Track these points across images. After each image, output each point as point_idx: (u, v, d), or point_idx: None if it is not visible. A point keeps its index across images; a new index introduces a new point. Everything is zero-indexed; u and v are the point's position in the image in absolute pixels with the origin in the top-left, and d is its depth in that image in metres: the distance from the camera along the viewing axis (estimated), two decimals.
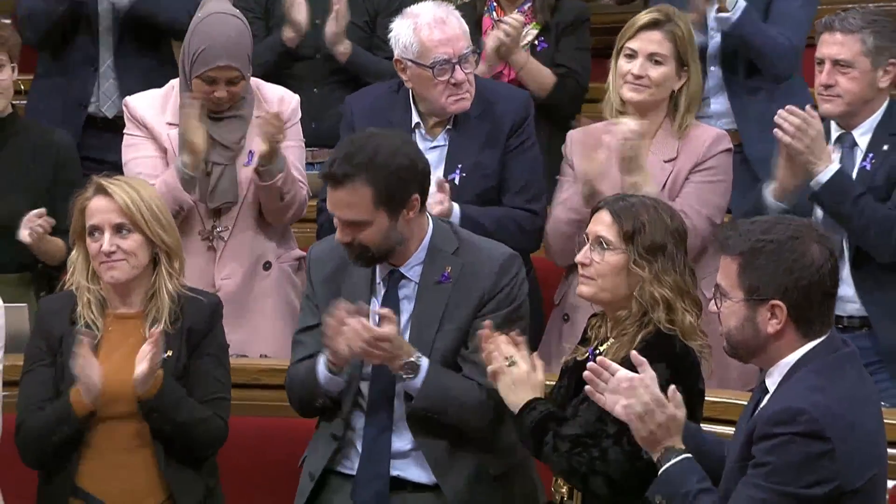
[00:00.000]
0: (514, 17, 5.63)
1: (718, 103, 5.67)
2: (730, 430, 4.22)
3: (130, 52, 5.91)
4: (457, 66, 4.89)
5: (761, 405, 3.61)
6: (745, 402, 4.27)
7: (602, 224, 3.96)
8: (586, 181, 4.76)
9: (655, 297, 3.90)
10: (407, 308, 4.26)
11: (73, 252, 4.38)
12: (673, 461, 3.64)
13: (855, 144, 4.85)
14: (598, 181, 4.70)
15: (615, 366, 3.72)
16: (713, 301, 3.64)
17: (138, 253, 4.30)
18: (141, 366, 4.17)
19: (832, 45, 4.77)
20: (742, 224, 3.67)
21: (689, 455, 3.66)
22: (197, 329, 4.34)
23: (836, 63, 4.76)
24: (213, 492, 4.40)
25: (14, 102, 5.42)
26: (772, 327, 3.55)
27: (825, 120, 4.80)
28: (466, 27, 4.98)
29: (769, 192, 4.76)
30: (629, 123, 4.73)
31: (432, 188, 4.72)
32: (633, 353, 3.73)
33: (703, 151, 4.91)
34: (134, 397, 4.23)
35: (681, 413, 3.68)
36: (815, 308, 3.55)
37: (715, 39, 5.66)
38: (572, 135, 5.06)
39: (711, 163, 4.91)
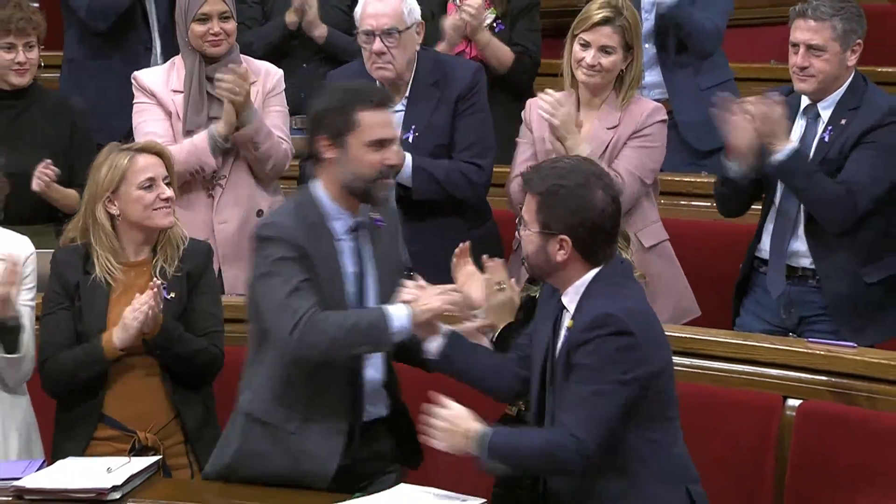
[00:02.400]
0: (472, 1, 5.64)
1: (652, 76, 5.73)
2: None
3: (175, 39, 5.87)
4: (377, 38, 4.94)
5: (563, 319, 3.78)
6: (679, 335, 4.51)
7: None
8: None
9: None
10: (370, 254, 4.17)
11: (84, 210, 4.37)
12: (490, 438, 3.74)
13: (818, 116, 4.82)
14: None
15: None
16: (520, 229, 3.86)
17: (175, 200, 4.43)
18: (137, 312, 4.22)
19: (806, 31, 4.74)
20: (544, 168, 3.85)
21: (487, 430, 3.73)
22: (194, 272, 4.39)
23: (810, 47, 4.72)
24: (210, 411, 4.46)
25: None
26: (560, 257, 3.75)
27: (792, 93, 4.81)
28: (407, 10, 4.99)
29: (731, 166, 4.75)
30: (552, 95, 4.77)
31: None
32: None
33: (642, 121, 4.94)
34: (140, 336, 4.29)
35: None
36: (597, 243, 3.75)
37: (649, 21, 5.71)
38: (531, 102, 5.06)
39: (648, 131, 4.94)
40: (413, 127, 5.05)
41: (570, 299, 3.78)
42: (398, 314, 3.91)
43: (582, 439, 3.63)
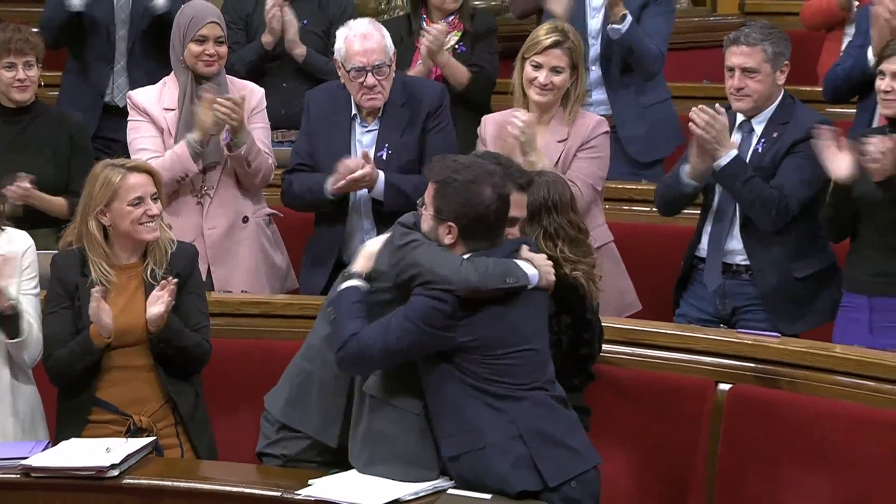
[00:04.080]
0: (435, 27, 5.66)
1: (598, 95, 5.76)
2: (609, 347, 4.43)
3: (139, 55, 5.95)
4: (369, 73, 4.93)
5: None
6: (623, 326, 4.55)
7: None
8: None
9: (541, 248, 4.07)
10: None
11: (79, 219, 4.36)
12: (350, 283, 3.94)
13: (752, 130, 4.83)
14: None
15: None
16: (419, 208, 3.94)
17: (166, 209, 4.46)
18: (156, 307, 4.24)
19: (740, 56, 4.75)
20: (447, 160, 3.97)
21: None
22: (183, 273, 4.38)
23: (745, 70, 4.74)
24: (199, 397, 4.47)
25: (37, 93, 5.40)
26: (448, 239, 3.88)
27: (731, 111, 4.82)
28: (388, 43, 4.99)
29: (684, 172, 4.79)
30: (521, 116, 4.78)
31: (360, 159, 4.89)
32: None
33: (588, 133, 4.95)
34: (139, 330, 4.30)
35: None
36: (480, 233, 3.87)
37: (595, 47, 5.77)
38: (486, 119, 5.10)
39: (594, 143, 4.96)
40: (386, 145, 5.05)
41: None
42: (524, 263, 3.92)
43: (353, 351, 3.85)
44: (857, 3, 5.96)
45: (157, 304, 4.26)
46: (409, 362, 3.95)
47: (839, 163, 4.51)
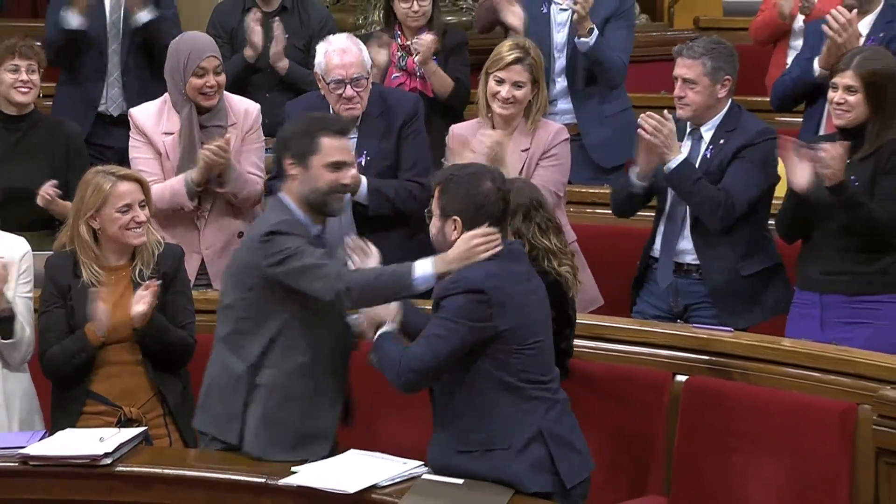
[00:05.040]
0: (426, 37, 5.73)
1: (563, 104, 5.81)
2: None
3: (131, 67, 5.96)
4: (347, 85, 4.96)
5: None
6: (586, 321, 4.52)
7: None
8: None
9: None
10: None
11: (72, 223, 4.38)
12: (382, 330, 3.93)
13: (701, 138, 4.86)
14: None
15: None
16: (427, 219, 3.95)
17: (157, 221, 4.49)
18: (139, 306, 4.27)
19: (682, 67, 4.81)
20: (448, 166, 4.02)
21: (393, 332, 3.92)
22: (169, 272, 4.42)
23: (685, 80, 4.80)
24: (186, 389, 4.49)
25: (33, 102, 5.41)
26: (453, 235, 3.87)
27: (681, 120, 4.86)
28: (366, 57, 5.02)
29: (633, 173, 4.82)
30: (494, 136, 4.81)
31: None
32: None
33: (549, 141, 4.99)
34: (128, 327, 4.33)
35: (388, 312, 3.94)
36: (483, 224, 3.85)
37: (560, 59, 5.82)
38: (452, 128, 5.16)
39: (555, 150, 4.99)
40: (365, 152, 5.08)
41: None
42: (422, 264, 3.91)
43: (416, 358, 3.80)
44: (803, 18, 6.02)
45: (141, 303, 4.28)
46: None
47: (799, 172, 4.56)
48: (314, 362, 4.10)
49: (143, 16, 5.90)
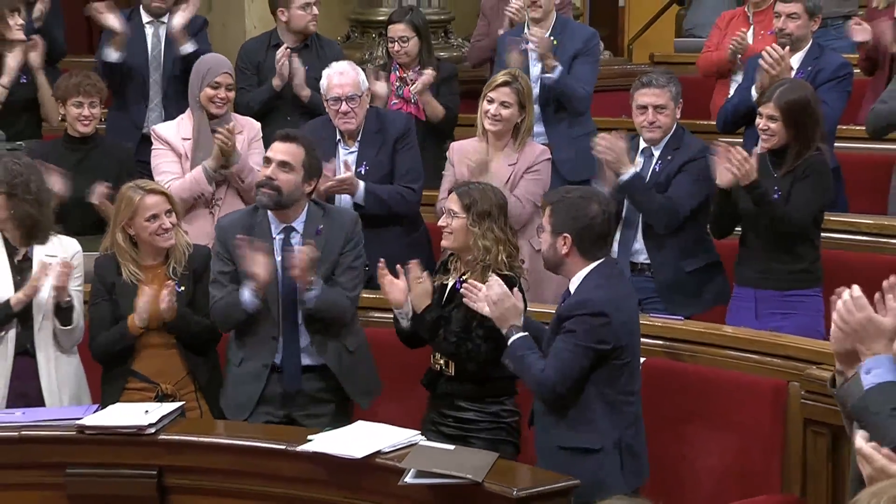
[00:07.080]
0: (428, 73, 5.91)
1: (538, 127, 5.79)
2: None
3: (170, 95, 6.08)
4: (343, 102, 5.12)
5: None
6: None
7: (451, 201, 4.25)
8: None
9: (479, 246, 4.16)
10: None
11: (111, 230, 4.52)
12: (515, 336, 3.92)
13: (651, 154, 4.96)
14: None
15: (480, 284, 4.02)
16: (539, 233, 3.98)
17: (182, 218, 4.63)
18: (162, 304, 4.43)
19: (651, 96, 4.89)
20: (560, 188, 4.06)
21: (526, 333, 3.92)
22: (199, 270, 4.56)
23: (657, 107, 4.89)
24: (216, 370, 4.61)
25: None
26: (564, 251, 3.88)
27: (635, 138, 4.95)
28: (362, 79, 5.16)
29: (596, 184, 4.88)
30: (477, 154, 4.98)
31: (342, 166, 5.05)
32: (492, 275, 4.02)
33: (533, 159, 5.10)
34: (162, 317, 4.49)
35: (520, 303, 3.96)
36: (590, 242, 3.87)
37: (535, 89, 5.81)
38: (452, 145, 5.31)
39: (537, 167, 5.11)
40: (364, 162, 5.21)
41: (574, 287, 3.89)
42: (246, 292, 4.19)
43: (552, 378, 3.81)
44: (739, 56, 6.15)
45: (163, 302, 4.44)
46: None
47: (724, 173, 4.73)
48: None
49: (188, 47, 6.01)
